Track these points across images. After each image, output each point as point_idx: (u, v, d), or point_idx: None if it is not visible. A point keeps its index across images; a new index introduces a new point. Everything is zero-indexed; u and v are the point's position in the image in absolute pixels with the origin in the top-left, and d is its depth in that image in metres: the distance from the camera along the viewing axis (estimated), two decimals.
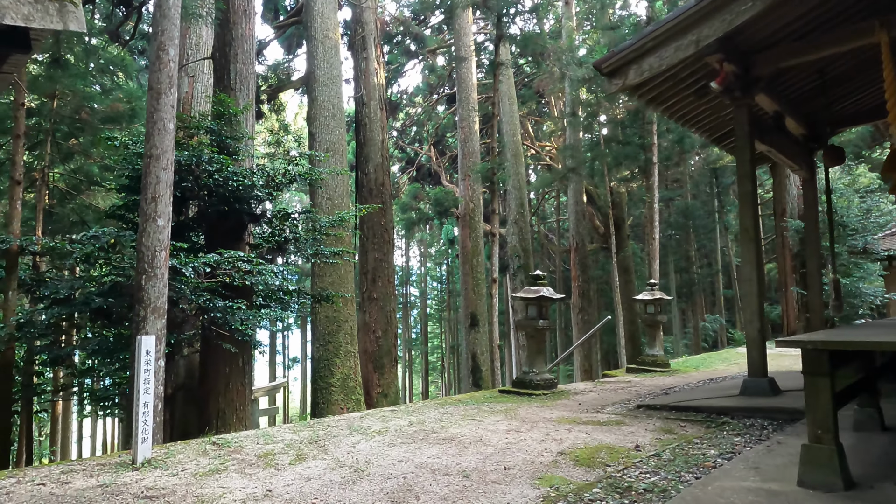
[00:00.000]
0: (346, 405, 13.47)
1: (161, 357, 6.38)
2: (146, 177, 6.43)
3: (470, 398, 7.53)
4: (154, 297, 6.34)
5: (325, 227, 9.79)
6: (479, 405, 6.92)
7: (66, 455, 20.01)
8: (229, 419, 9.46)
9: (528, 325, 7.95)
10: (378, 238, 16.00)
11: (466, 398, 7.54)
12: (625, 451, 4.60)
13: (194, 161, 7.87)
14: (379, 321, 15.70)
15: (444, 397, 7.46)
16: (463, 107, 19.22)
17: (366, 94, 16.45)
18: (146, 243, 6.35)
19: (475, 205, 18.93)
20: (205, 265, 6.97)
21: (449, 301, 40.88)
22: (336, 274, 13.94)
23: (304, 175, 9.26)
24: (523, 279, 22.27)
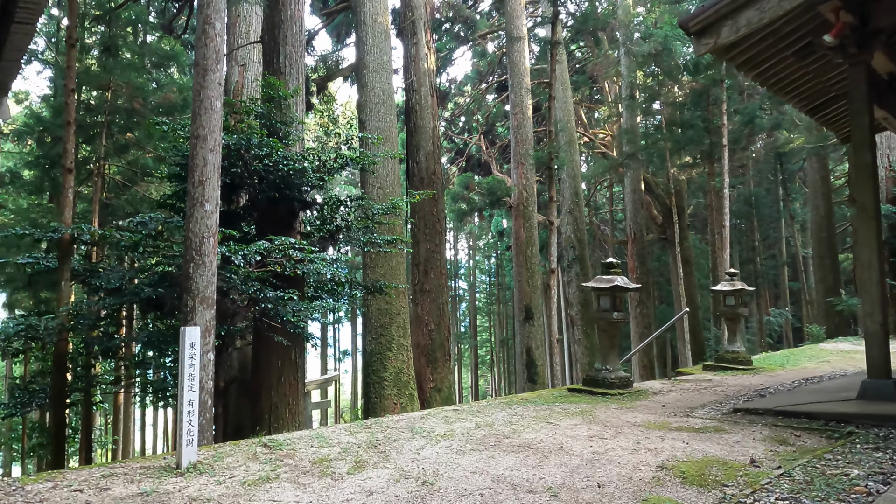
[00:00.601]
0: (399, 400, 13.02)
1: (210, 350, 5.99)
2: (193, 159, 6.03)
3: (537, 397, 6.86)
4: (202, 287, 5.94)
5: (377, 215, 9.29)
6: (549, 406, 6.25)
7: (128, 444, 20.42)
8: (282, 414, 9.10)
9: (600, 318, 7.21)
10: (430, 228, 15.45)
11: (534, 397, 6.88)
12: (739, 466, 3.85)
13: (243, 145, 7.46)
14: (431, 314, 15.17)
15: (510, 396, 6.81)
16: (515, 91, 18.42)
17: (416, 81, 15.89)
18: (194, 229, 5.95)
19: (529, 194, 18.13)
20: (255, 253, 6.53)
21: (498, 294, 40.15)
22: (388, 265, 13.47)
23: (356, 160, 8.76)
24: (578, 271, 21.38)
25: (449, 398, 15.14)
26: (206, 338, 5.95)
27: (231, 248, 6.41)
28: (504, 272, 37.05)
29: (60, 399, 7.37)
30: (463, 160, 25.41)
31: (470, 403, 6.38)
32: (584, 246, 21.57)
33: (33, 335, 7.00)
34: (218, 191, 6.14)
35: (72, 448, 14.98)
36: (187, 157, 7.78)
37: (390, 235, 10.09)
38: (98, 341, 6.90)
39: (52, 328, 6.69)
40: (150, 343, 6.98)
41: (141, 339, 6.81)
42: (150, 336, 6.95)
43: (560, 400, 6.65)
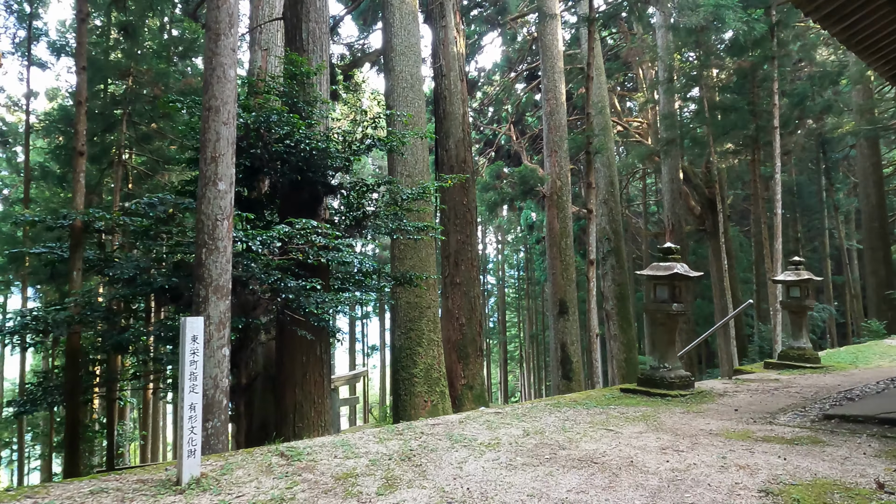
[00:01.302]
0: (429, 398, 12.36)
1: (225, 344, 5.38)
2: (205, 133, 5.42)
3: (587, 398, 6.10)
4: (216, 274, 5.34)
5: (406, 201, 8.60)
6: (604, 409, 5.48)
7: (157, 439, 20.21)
8: (307, 412, 8.51)
9: (657, 310, 6.40)
10: (460, 219, 14.73)
11: (583, 398, 6.11)
12: (865, 492, 3.05)
13: (262, 123, 6.84)
14: (463, 308, 14.46)
15: (556, 397, 6.07)
16: (548, 76, 17.54)
17: (445, 65, 15.15)
18: (206, 211, 5.34)
19: (563, 183, 17.26)
20: (274, 238, 5.90)
21: (527, 289, 39.25)
22: (417, 257, 12.79)
23: (384, 140, 8.08)
24: (614, 264, 20.42)
25: (481, 396, 14.42)
26: (220, 331, 5.35)
27: (248, 233, 5.79)
28: (533, 266, 36.13)
29: (74, 396, 6.89)
30: (492, 151, 24.59)
31: (513, 406, 5.64)
32: (620, 237, 20.59)
33: (42, 328, 6.52)
34: (232, 168, 5.52)
35: (104, 443, 14.73)
36: None
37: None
38: (108, 335, 6.37)
39: (60, 321, 6.20)
40: (162, 337, 6.42)
41: (154, 332, 6.26)
42: (163, 329, 6.39)
43: (614, 402, 5.87)
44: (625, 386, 6.64)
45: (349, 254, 6.60)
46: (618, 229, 20.40)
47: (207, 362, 5.25)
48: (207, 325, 5.26)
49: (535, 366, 40.36)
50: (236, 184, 8.40)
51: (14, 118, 25.04)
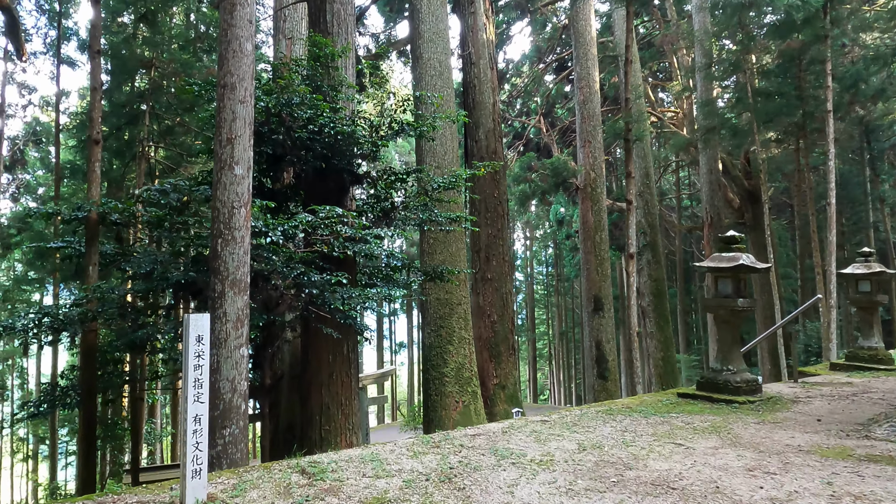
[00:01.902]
0: (461, 398, 11.80)
1: (244, 344, 4.89)
2: (220, 112, 4.93)
3: (641, 404, 5.45)
4: (232, 267, 4.85)
5: (437, 190, 8.04)
6: (664, 417, 4.84)
7: None
8: (333, 415, 8.02)
9: (719, 306, 5.71)
10: (491, 212, 14.12)
11: (636, 404, 5.47)
12: None
13: (283, 106, 6.35)
14: (494, 304, 13.85)
15: (607, 403, 5.45)
16: (581, 63, 16.78)
17: (474, 53, 14.54)
18: (221, 198, 4.85)
19: (597, 174, 16.50)
20: (296, 228, 5.40)
21: (557, 285, 38.39)
22: (447, 251, 12.23)
23: (414, 125, 7.53)
24: (650, 258, 19.56)
25: (514, 396, 13.81)
26: (237, 329, 4.86)
27: (268, 222, 5.29)
28: (563, 262, 35.27)
29: (90, 397, 6.52)
30: (521, 144, 23.89)
31: (561, 413, 5.03)
32: (657, 231, 19.72)
33: (58, 326, 6.16)
34: (250, 151, 5.03)
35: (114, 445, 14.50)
36: None
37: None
38: (123, 332, 5.97)
39: (73, 317, 5.82)
40: (178, 336, 5.98)
41: (168, 330, 5.82)
42: (176, 327, 5.95)
43: (673, 409, 5.21)
44: (682, 390, 5.96)
45: (377, 245, 6.06)
46: (654, 223, 19.54)
47: (224, 363, 4.77)
48: (224, 322, 4.78)
49: (565, 363, 39.53)
50: (258, 174, 7.95)
51: (48, 118, 25.27)
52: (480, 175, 8.72)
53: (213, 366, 4.84)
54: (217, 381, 4.79)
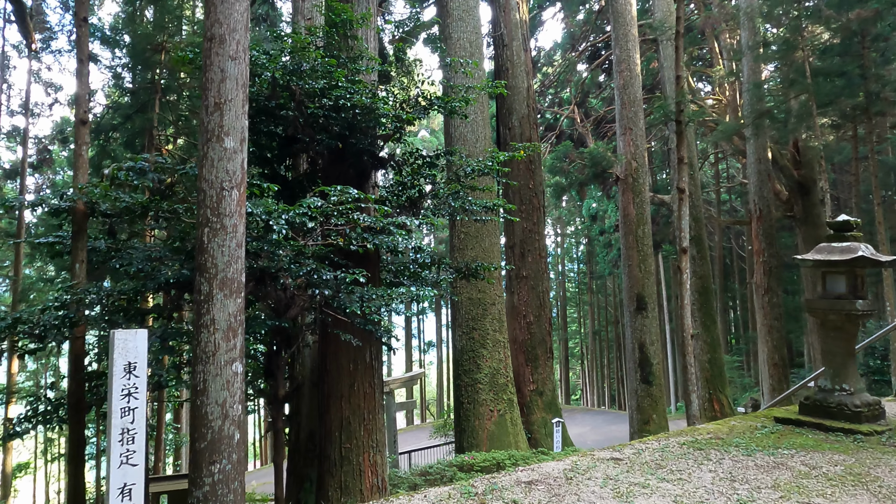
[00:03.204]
0: (495, 406, 10.73)
1: (237, 359, 3.90)
2: (206, 72, 3.96)
3: (732, 432, 4.29)
4: (222, 263, 3.87)
5: (470, 176, 6.99)
6: (773, 455, 3.69)
7: None
8: (355, 430, 7.03)
9: (829, 309, 4.50)
10: (527, 204, 12.99)
11: (725, 432, 4.32)
12: None
13: (292, 75, 5.37)
14: (530, 304, 12.73)
15: (688, 431, 4.31)
16: (620, 45, 15.50)
17: (506, 34, 13.42)
18: (208, 177, 3.88)
19: (639, 164, 15.20)
20: (304, 216, 4.40)
21: (590, 283, 36.96)
22: (480, 247, 11.18)
23: (443, 100, 6.47)
24: (695, 254, 18.15)
25: (552, 403, 12.67)
26: (229, 340, 3.87)
27: (269, 209, 4.30)
28: (596, 259, 33.84)
29: (78, 410, 5.66)
30: (554, 135, 22.64)
31: (634, 446, 3.92)
32: (702, 225, 18.32)
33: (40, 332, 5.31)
34: (244, 120, 4.04)
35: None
36: None
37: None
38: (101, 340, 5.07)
39: (51, 323, 4.96)
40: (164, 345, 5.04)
41: (153, 338, 4.89)
42: (164, 333, 5.02)
43: (778, 441, 4.05)
44: (780, 414, 4.77)
45: (403, 237, 5.03)
46: (699, 216, 18.14)
47: (212, 383, 3.80)
48: (211, 332, 3.80)
49: (598, 363, 38.10)
50: (269, 160, 7.00)
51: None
52: (518, 158, 7.64)
53: (198, 386, 3.88)
54: (203, 405, 3.82)
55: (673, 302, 31.77)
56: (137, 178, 4.42)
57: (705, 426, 4.61)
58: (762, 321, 19.61)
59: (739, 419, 4.88)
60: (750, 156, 20.02)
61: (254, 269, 5.14)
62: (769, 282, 19.54)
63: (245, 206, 4.03)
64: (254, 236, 4.69)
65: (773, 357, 19.18)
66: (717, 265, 32.80)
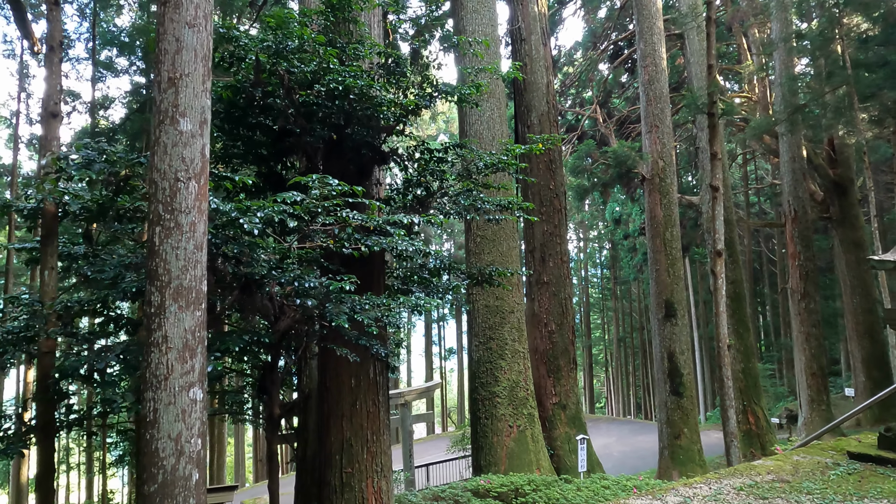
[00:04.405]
0: (515, 422, 9.93)
1: (195, 384, 3.22)
2: (160, 42, 3.32)
3: (797, 472, 3.47)
4: (177, 269, 3.20)
5: (483, 171, 6.27)
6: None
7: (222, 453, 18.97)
8: (357, 454, 6.33)
9: None
10: (547, 206, 12.20)
11: (789, 471, 3.49)
12: None
13: (278, 57, 4.72)
14: (552, 311, 11.92)
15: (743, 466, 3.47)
16: (645, 39, 14.65)
17: (524, 28, 12.70)
18: (160, 166, 3.23)
19: (666, 163, 14.30)
20: (284, 213, 3.72)
21: (614, 289, 35.84)
22: (497, 251, 10.44)
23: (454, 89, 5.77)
24: (726, 258, 17.08)
25: (576, 417, 11.80)
26: (184, 362, 3.19)
27: (241, 205, 3.64)
28: (620, 264, 32.76)
29: (47, 434, 5.07)
30: (575, 136, 21.80)
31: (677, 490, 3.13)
32: (733, 228, 17.28)
33: None
34: (205, 99, 3.39)
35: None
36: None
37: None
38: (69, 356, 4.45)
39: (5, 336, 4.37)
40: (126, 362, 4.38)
41: (108, 357, 4.22)
42: (125, 350, 4.37)
43: (858, 485, 3.22)
44: (853, 448, 3.93)
45: (400, 238, 4.33)
46: (730, 218, 17.11)
47: (164, 413, 3.14)
48: (163, 351, 3.15)
49: (623, 371, 36.90)
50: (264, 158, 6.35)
51: (103, 124, 24.93)
52: (536, 153, 6.88)
53: (147, 416, 3.21)
54: (154, 440, 3.15)
55: (700, 308, 30.55)
56: (77, 169, 3.80)
57: (763, 463, 3.79)
58: (799, 328, 18.44)
59: (803, 453, 4.04)
60: (783, 154, 18.92)
61: (238, 275, 4.50)
62: (806, 286, 18.38)
63: (207, 202, 3.37)
64: (228, 237, 4.04)
65: (812, 366, 18.01)
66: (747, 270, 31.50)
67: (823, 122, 16.75)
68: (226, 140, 6.14)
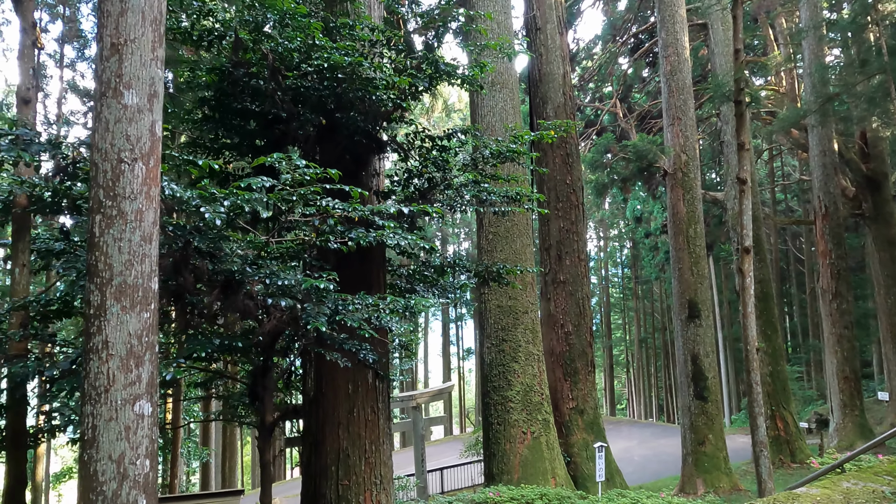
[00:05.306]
0: (529, 428, 9.38)
1: (142, 396, 2.78)
2: (102, 2, 2.89)
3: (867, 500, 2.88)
4: (119, 264, 2.75)
5: (490, 161, 5.76)
6: None
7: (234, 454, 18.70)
8: (354, 464, 5.86)
9: None
10: (563, 201, 11.62)
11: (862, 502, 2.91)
12: None
13: (259, 33, 4.26)
14: (568, 312, 11.33)
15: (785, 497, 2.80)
16: (666, 28, 13.95)
17: (539, 16, 12.13)
18: (101, 146, 2.78)
19: (689, 157, 13.58)
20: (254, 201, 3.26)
21: (635, 288, 34.94)
22: (510, 248, 9.89)
23: (454, 67, 5.27)
24: (754, 257, 16.28)
25: (594, 422, 11.19)
26: (129, 371, 2.74)
27: (205, 192, 3.18)
28: (641, 263, 31.89)
29: (17, 445, 4.70)
30: (594, 132, 21.12)
31: None
32: (760, 225, 16.44)
33: None
34: (156, 69, 2.93)
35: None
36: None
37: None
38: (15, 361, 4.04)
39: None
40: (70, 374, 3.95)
41: (59, 364, 3.79)
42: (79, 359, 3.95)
43: None
44: None
45: (392, 232, 3.84)
46: (757, 215, 16.26)
47: (104, 431, 2.69)
48: (103, 359, 2.70)
49: (645, 372, 35.98)
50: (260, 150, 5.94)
51: None
52: (548, 141, 6.34)
53: (85, 434, 2.79)
54: (92, 461, 2.70)
55: (725, 308, 29.54)
56: (6, 152, 3.38)
57: (807, 492, 3.21)
58: (830, 330, 17.51)
59: (853, 478, 3.44)
60: (813, 148, 18.00)
61: (215, 273, 4.06)
62: (838, 286, 17.45)
63: (158, 187, 2.92)
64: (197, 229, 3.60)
65: (844, 369, 17.10)
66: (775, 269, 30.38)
67: (856, 113, 15.89)
68: (219, 130, 5.71)
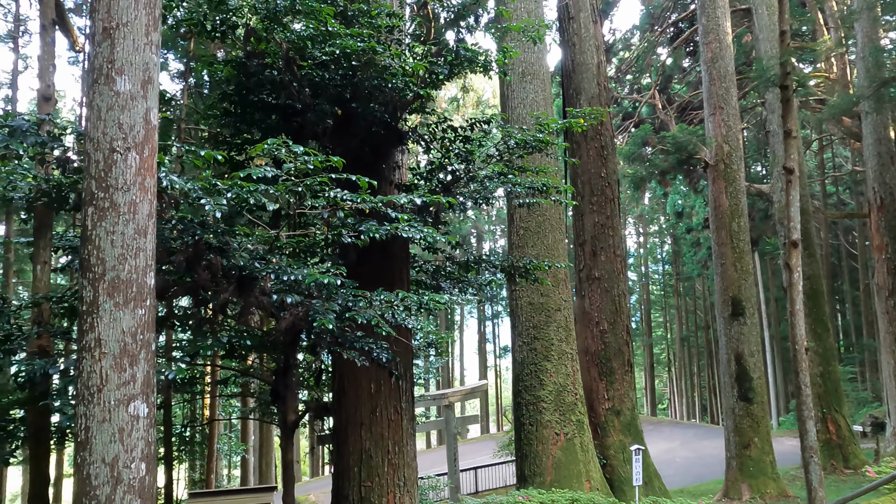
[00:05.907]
0: (562, 429, 9.04)
1: (137, 396, 2.65)
2: None
3: None
4: (112, 259, 2.61)
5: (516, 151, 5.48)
6: None
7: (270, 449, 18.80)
8: (377, 466, 5.69)
9: None
10: (598, 195, 11.20)
11: None
12: None
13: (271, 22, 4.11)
14: (603, 309, 10.92)
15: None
16: (707, 14, 13.31)
17: (572, 5, 11.71)
18: (93, 135, 2.65)
19: (731, 147, 12.91)
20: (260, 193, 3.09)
21: (676, 285, 33.86)
22: (542, 243, 9.57)
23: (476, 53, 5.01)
24: (803, 252, 15.41)
25: (631, 424, 10.74)
26: (122, 371, 2.61)
27: (206, 184, 3.03)
28: (682, 259, 30.85)
29: (40, 443, 4.70)
30: (632, 124, 20.46)
31: None
32: (809, 218, 15.59)
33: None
34: (150, 54, 2.78)
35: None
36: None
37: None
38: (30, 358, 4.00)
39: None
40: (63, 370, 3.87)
41: (53, 369, 3.71)
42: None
43: None
44: None
45: (406, 224, 3.62)
46: (806, 207, 15.40)
47: (98, 432, 2.56)
48: (96, 357, 2.56)
49: (687, 371, 34.85)
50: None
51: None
52: (578, 130, 6.03)
53: (79, 435, 2.67)
54: (86, 465, 2.58)
55: (771, 306, 28.28)
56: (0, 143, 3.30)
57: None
58: (886, 328, 16.42)
59: None
60: (867, 136, 16.92)
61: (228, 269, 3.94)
62: (894, 282, 16.36)
63: (154, 177, 2.77)
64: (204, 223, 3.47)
65: None
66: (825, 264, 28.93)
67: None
68: (239, 125, 5.61)
